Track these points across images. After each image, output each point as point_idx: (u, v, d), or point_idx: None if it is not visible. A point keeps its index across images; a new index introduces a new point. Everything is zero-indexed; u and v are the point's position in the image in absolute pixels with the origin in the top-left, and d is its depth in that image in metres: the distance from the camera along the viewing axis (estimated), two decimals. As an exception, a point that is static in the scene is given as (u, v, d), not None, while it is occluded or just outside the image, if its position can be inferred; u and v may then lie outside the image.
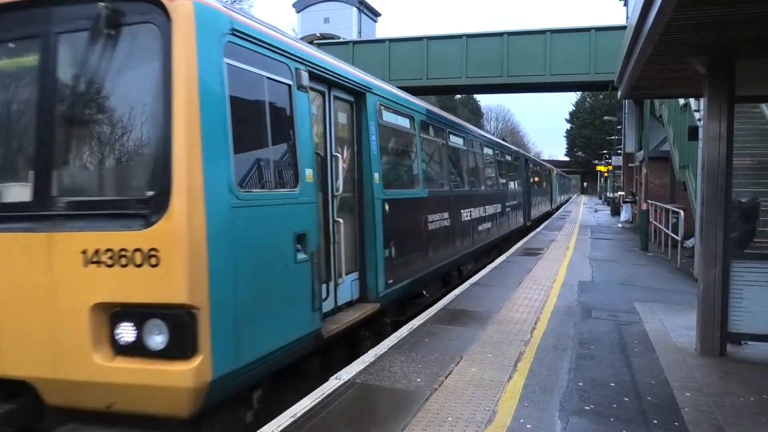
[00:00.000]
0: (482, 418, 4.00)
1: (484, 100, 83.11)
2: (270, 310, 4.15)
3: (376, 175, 6.40)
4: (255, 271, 3.97)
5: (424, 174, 8.53)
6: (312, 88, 5.09)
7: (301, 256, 4.51)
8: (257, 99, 4.35)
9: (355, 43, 25.36)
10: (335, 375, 4.87)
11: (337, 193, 5.63)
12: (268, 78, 4.38)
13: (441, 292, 9.38)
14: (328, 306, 5.39)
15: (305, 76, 4.83)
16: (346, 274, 5.85)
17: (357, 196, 6.27)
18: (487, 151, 13.66)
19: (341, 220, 5.62)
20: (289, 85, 4.64)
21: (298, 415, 4.02)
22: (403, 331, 6.29)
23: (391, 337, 6.12)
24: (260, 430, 3.86)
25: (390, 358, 5.33)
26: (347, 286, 5.95)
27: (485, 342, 5.90)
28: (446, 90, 28.59)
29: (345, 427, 3.93)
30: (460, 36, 22.47)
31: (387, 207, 6.56)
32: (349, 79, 5.97)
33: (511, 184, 17.13)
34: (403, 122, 7.86)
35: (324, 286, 5.20)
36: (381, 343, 5.87)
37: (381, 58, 22.87)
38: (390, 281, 6.65)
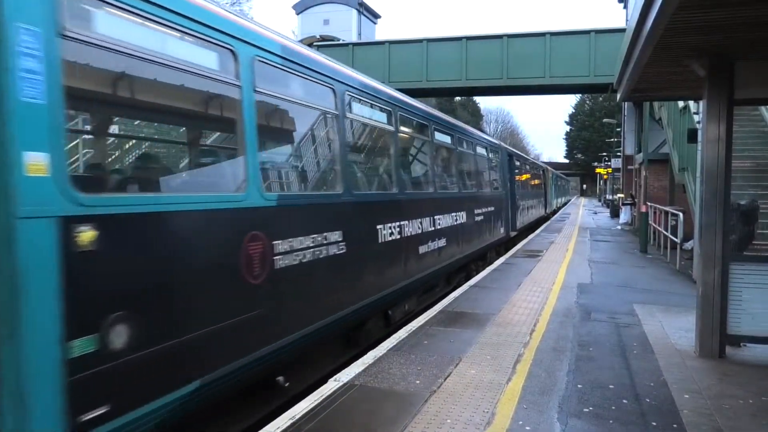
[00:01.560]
0: (481, 420, 4.00)
1: (484, 102, 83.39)
2: None
3: (38, 158, 2.61)
4: None
5: (270, 165, 4.98)
6: None
7: None
8: None
9: (354, 45, 25.39)
10: (334, 377, 4.87)
11: None
12: None
13: (338, 362, 6.02)
14: None
15: None
16: None
17: None
18: (442, 138, 9.76)
19: None
20: None
21: (297, 416, 4.02)
22: (402, 333, 6.29)
23: (390, 338, 6.11)
24: (260, 431, 3.86)
25: (389, 360, 5.33)
26: None
27: (484, 344, 5.90)
28: (446, 92, 28.59)
29: (344, 429, 3.92)
30: (459, 38, 22.46)
31: (91, 234, 2.81)
32: None
33: (486, 185, 13.66)
34: (197, 55, 3.79)
35: None
36: (380, 345, 5.86)
37: (381, 61, 22.87)
38: (93, 414, 2.80)
